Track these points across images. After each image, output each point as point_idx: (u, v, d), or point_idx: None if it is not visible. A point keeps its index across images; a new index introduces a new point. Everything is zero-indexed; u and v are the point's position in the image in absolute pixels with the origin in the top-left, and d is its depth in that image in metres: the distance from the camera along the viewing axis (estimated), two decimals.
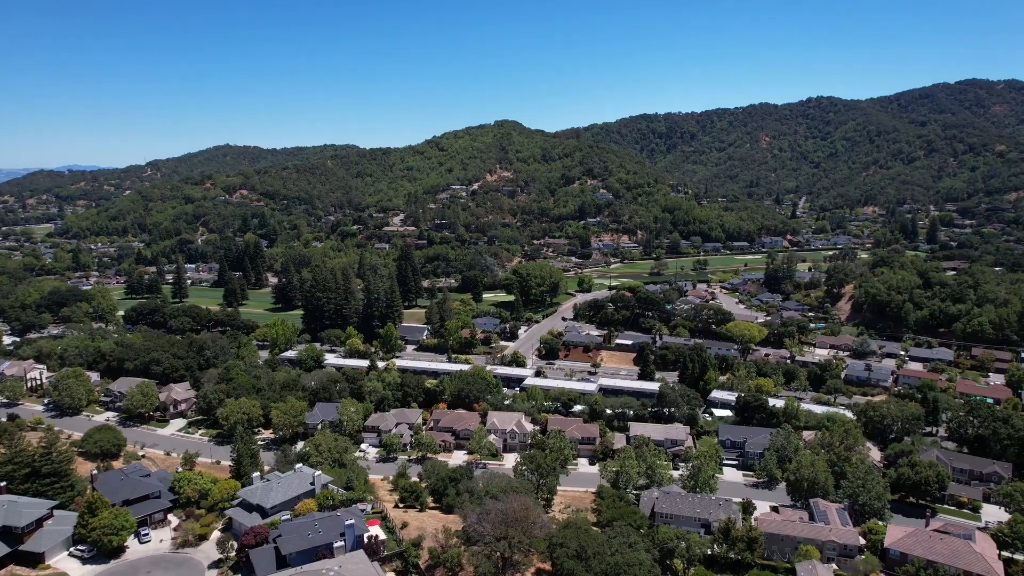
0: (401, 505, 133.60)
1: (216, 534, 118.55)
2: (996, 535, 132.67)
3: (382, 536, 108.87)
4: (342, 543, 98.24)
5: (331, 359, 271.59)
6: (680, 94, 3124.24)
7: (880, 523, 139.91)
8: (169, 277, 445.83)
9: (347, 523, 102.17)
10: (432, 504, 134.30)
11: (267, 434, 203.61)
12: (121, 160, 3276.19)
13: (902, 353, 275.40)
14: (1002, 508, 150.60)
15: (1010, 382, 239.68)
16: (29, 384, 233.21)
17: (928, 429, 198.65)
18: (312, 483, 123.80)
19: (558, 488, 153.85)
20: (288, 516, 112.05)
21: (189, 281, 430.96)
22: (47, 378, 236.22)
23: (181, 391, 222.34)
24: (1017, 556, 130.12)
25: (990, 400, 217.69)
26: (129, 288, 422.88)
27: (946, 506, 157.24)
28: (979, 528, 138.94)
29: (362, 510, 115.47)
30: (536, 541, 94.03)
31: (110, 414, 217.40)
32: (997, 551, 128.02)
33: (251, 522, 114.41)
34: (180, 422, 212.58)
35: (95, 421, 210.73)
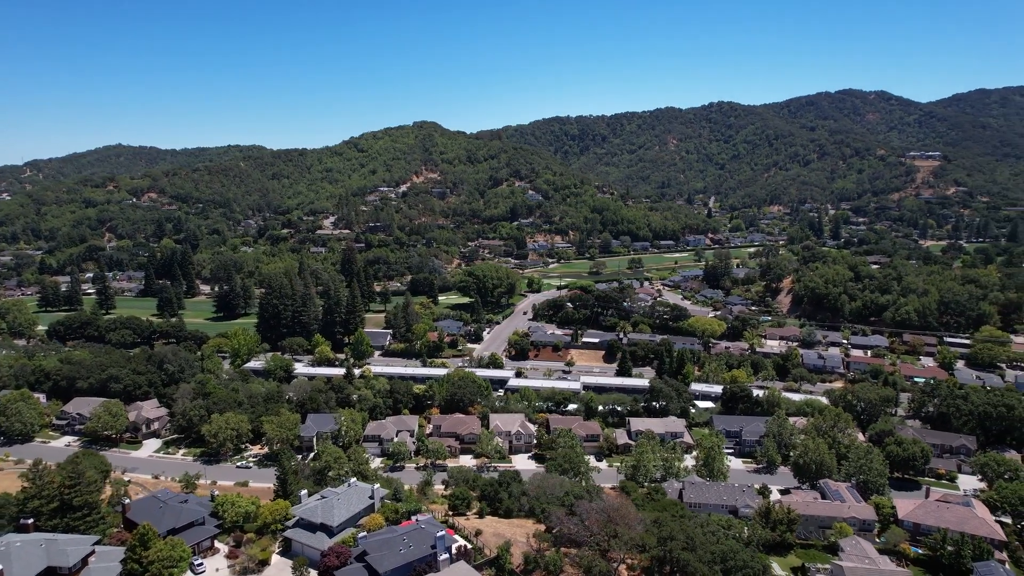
0: (451, 513, 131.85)
1: (275, 558, 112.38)
2: (988, 500, 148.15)
3: (468, 545, 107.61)
4: (446, 556, 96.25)
5: (300, 368, 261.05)
6: (590, 97, 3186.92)
7: (883, 498, 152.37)
8: (87, 287, 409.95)
9: (438, 535, 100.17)
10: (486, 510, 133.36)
11: (256, 449, 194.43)
12: None
13: (845, 342, 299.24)
14: (978, 477, 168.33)
15: (942, 364, 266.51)
16: None
17: (890, 410, 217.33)
18: (371, 497, 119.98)
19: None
20: (363, 533, 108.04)
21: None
22: None
23: (151, 409, 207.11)
24: (1004, 519, 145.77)
25: (932, 380, 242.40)
26: (43, 300, 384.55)
27: (927, 478, 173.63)
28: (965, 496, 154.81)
29: (441, 522, 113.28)
30: (644, 536, 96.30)
31: (69, 438, 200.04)
32: (991, 515, 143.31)
33: (316, 543, 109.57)
34: (155, 443, 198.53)
35: (53, 447, 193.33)
